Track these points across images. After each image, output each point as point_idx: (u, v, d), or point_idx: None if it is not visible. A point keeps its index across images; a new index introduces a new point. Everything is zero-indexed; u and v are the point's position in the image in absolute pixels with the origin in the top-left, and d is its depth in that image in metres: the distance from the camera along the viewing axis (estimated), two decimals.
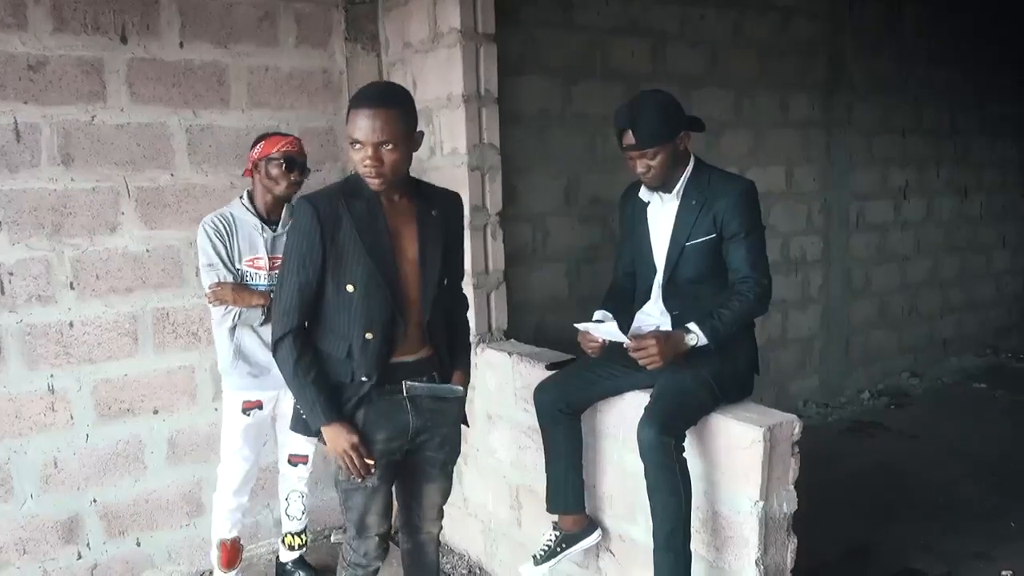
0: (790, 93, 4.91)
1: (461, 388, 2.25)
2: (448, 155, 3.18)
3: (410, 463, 2.25)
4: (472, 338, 3.11)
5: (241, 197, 2.83)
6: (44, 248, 2.93)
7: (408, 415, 2.14)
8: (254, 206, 2.82)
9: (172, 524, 3.26)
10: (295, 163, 2.78)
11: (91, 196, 2.99)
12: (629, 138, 2.29)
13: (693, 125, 2.37)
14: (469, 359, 2.39)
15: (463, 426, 2.33)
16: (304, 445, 3.00)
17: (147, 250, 3.09)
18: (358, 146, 1.94)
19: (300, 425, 2.20)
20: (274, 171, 2.75)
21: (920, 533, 3.44)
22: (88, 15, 2.91)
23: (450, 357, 2.25)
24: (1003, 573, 3.11)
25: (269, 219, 2.83)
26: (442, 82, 3.14)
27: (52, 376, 2.98)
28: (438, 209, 2.16)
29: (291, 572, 3.16)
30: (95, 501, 3.11)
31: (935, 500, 3.79)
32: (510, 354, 2.97)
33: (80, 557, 3.10)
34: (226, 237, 2.74)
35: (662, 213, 2.42)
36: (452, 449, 2.31)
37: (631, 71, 4.06)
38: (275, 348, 2.07)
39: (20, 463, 2.96)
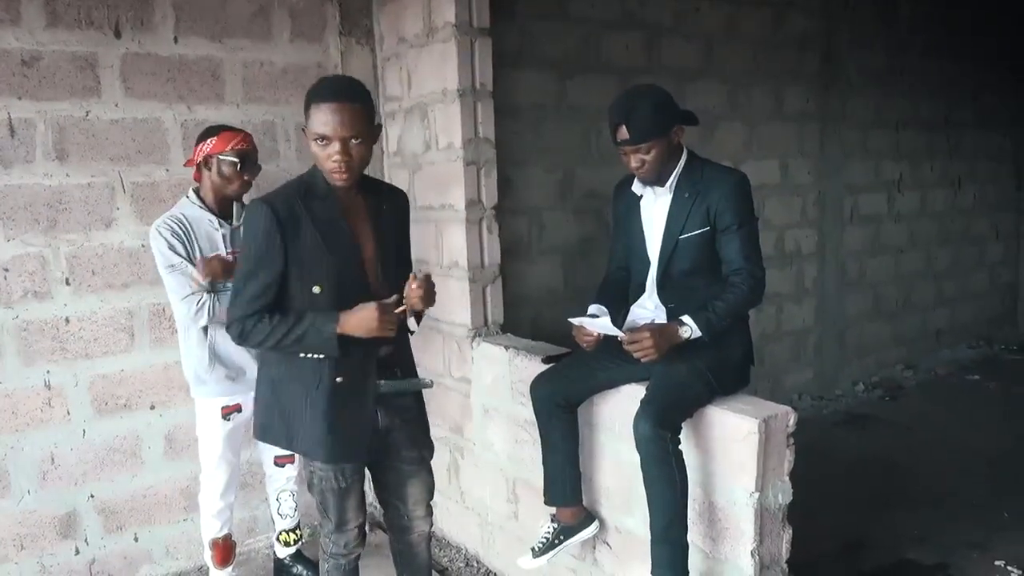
0: (785, 86, 4.92)
1: (428, 380, 2.25)
2: (443, 149, 3.18)
3: (387, 464, 2.26)
4: (468, 332, 3.15)
5: (188, 195, 2.73)
6: (39, 244, 2.92)
7: (376, 413, 2.14)
8: (204, 203, 2.71)
9: (170, 519, 3.27)
10: (248, 163, 2.69)
11: (86, 191, 2.98)
12: (623, 133, 2.29)
13: (686, 119, 2.37)
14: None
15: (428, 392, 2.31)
16: None
17: (143, 245, 3.07)
18: (324, 142, 1.92)
19: (269, 434, 2.17)
20: (226, 170, 2.66)
21: (914, 524, 3.46)
22: (82, 10, 2.90)
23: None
24: (996, 563, 3.13)
25: (222, 214, 2.73)
26: (437, 76, 3.14)
27: (48, 372, 2.98)
28: (388, 204, 2.16)
29: (290, 567, 3.16)
30: (92, 496, 3.11)
31: (929, 491, 3.81)
32: (506, 348, 2.98)
33: (78, 552, 3.11)
34: (183, 238, 2.62)
35: (655, 207, 2.43)
36: (426, 442, 2.32)
37: (626, 64, 4.06)
38: (243, 339, 1.99)
39: (17, 459, 2.97)
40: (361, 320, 1.96)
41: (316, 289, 1.99)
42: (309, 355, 2.03)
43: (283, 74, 3.34)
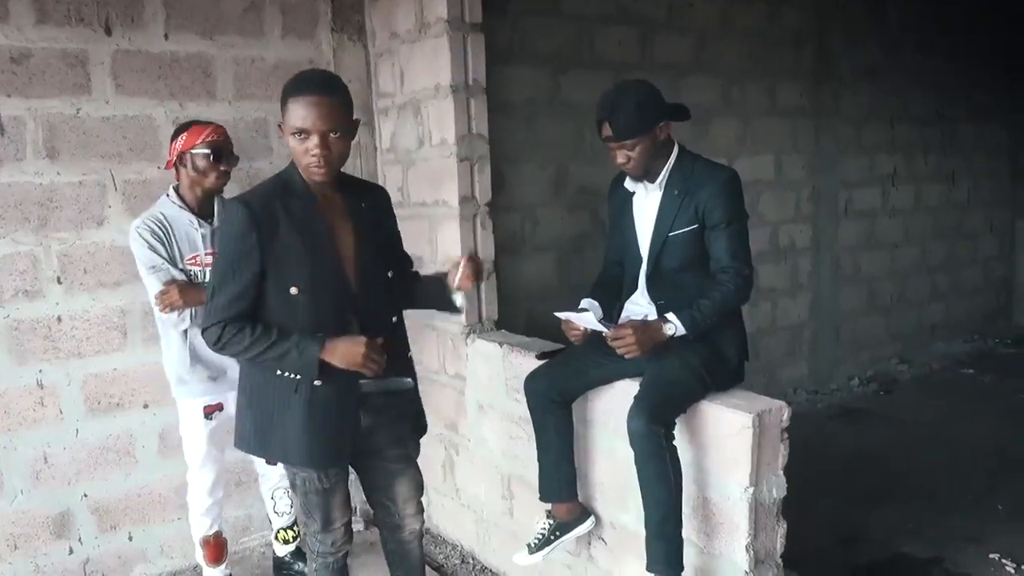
0: (778, 81, 4.92)
1: (410, 381, 2.22)
2: (437, 146, 3.17)
3: (373, 464, 2.24)
4: (462, 329, 3.14)
5: (167, 194, 2.70)
6: (30, 242, 2.91)
7: (357, 415, 2.11)
8: (184, 201, 2.68)
9: (164, 518, 3.25)
10: (223, 153, 2.66)
11: (77, 190, 2.97)
12: (607, 130, 2.30)
13: (675, 114, 2.36)
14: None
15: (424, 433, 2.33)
16: None
17: None
18: (302, 136, 1.88)
19: (243, 442, 2.13)
20: (201, 163, 2.63)
21: (909, 518, 3.47)
22: (71, 7, 2.88)
23: (415, 281, 2.30)
24: (991, 556, 3.14)
25: (202, 213, 2.69)
26: (430, 72, 3.13)
27: (41, 371, 2.97)
28: (367, 202, 2.13)
29: (290, 564, 3.15)
30: (86, 496, 3.10)
31: (924, 485, 3.82)
32: (501, 344, 2.97)
33: (72, 552, 3.10)
34: (163, 238, 2.59)
35: (646, 203, 2.42)
36: (412, 440, 2.30)
37: (619, 60, 4.06)
38: (221, 345, 1.95)
39: (10, 459, 2.95)
40: (346, 353, 1.94)
41: (293, 290, 1.95)
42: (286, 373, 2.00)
43: (275, 70, 3.32)
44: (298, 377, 1.99)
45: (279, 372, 2.00)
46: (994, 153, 6.77)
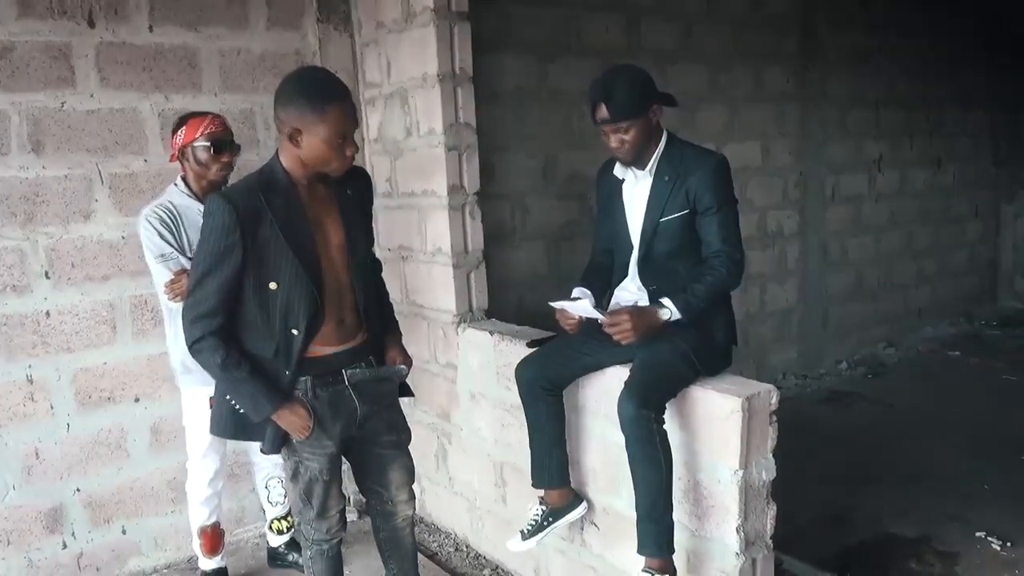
0: (764, 67, 4.94)
1: (404, 368, 2.26)
2: (424, 135, 3.16)
3: (367, 451, 2.27)
4: (453, 318, 3.15)
5: (176, 183, 2.71)
6: (17, 237, 2.89)
7: (354, 403, 2.14)
8: (192, 191, 2.69)
9: (157, 511, 3.25)
10: (223, 145, 2.66)
11: (63, 184, 2.95)
12: (603, 112, 2.29)
13: (664, 100, 2.37)
14: (396, 321, 2.39)
15: (411, 397, 2.39)
16: None
17: (123, 237, 3.05)
18: (342, 140, 1.92)
19: (219, 427, 2.16)
20: (203, 156, 2.64)
21: (896, 498, 3.51)
22: None
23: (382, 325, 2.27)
24: (977, 535, 3.18)
25: None
26: (417, 62, 3.12)
27: (30, 366, 2.95)
28: (352, 188, 2.15)
29: (284, 555, 3.16)
30: (79, 490, 3.09)
31: (911, 466, 3.86)
32: (491, 333, 2.98)
33: (65, 546, 3.09)
34: (172, 227, 2.61)
35: (636, 190, 2.43)
36: (403, 426, 2.33)
37: (606, 47, 4.06)
38: (196, 349, 1.99)
39: (1, 454, 2.94)
40: (291, 423, 2.05)
41: (272, 285, 1.98)
42: (257, 356, 2.04)
43: (261, 62, 3.30)
44: (276, 357, 2.05)
45: (227, 397, 2.08)
46: (978, 137, 6.81)
